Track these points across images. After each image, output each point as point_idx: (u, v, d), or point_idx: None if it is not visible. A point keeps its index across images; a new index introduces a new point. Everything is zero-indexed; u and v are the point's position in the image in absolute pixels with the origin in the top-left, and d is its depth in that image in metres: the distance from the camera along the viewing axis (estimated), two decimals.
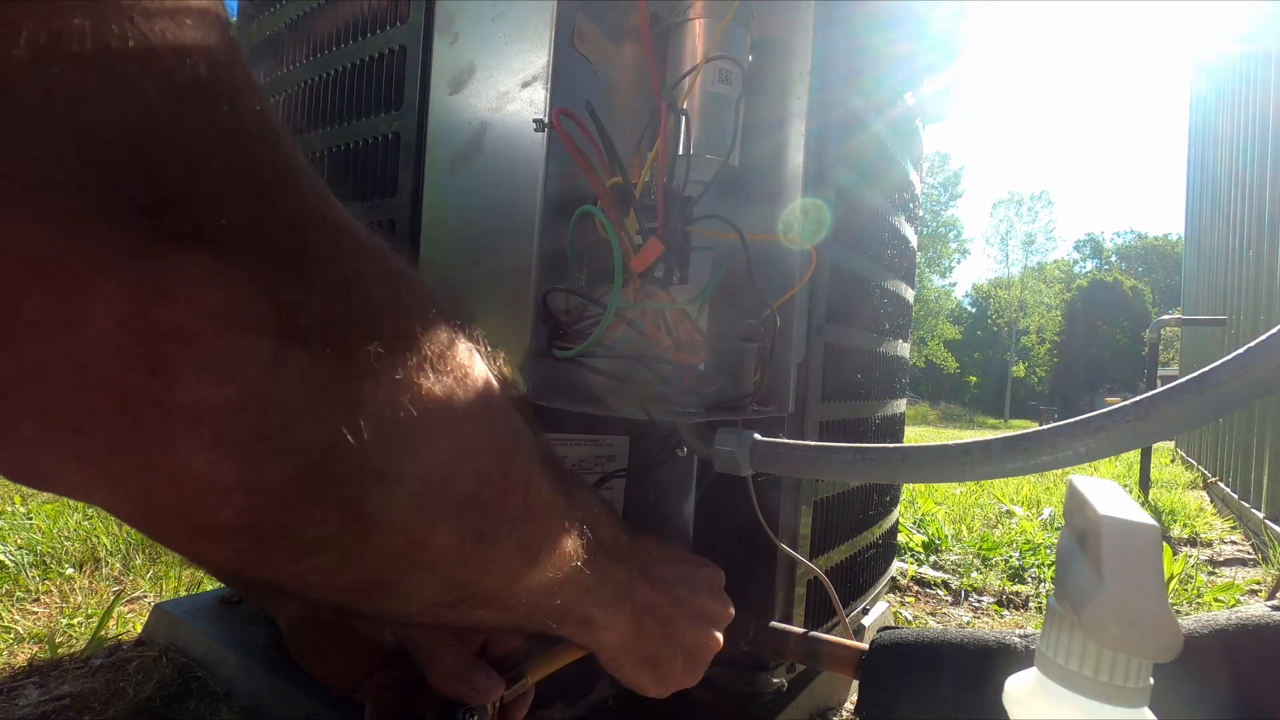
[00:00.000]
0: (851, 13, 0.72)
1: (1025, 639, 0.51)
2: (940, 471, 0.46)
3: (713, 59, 0.60)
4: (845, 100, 0.72)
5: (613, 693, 0.67)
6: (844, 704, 0.83)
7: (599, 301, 0.57)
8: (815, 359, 0.69)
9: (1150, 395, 0.39)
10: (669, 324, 0.63)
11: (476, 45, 0.61)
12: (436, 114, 0.64)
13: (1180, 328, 6.19)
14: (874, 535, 0.92)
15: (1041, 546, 1.71)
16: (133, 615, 0.99)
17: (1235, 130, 3.49)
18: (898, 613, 1.25)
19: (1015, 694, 0.31)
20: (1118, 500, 0.29)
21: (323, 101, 0.76)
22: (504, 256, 0.58)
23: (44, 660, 0.84)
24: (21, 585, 1.07)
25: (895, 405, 0.97)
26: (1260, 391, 0.36)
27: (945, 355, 31.44)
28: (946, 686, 0.51)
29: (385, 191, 0.67)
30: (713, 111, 0.61)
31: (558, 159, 0.56)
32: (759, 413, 0.64)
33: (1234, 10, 3.50)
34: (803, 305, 0.67)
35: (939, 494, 2.44)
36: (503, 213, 0.58)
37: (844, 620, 0.69)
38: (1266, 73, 2.76)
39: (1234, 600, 1.40)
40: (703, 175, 0.62)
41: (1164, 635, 0.26)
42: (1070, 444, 0.41)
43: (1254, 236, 2.90)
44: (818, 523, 0.74)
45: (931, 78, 0.96)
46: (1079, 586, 0.28)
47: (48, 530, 1.30)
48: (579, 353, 0.55)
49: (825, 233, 0.67)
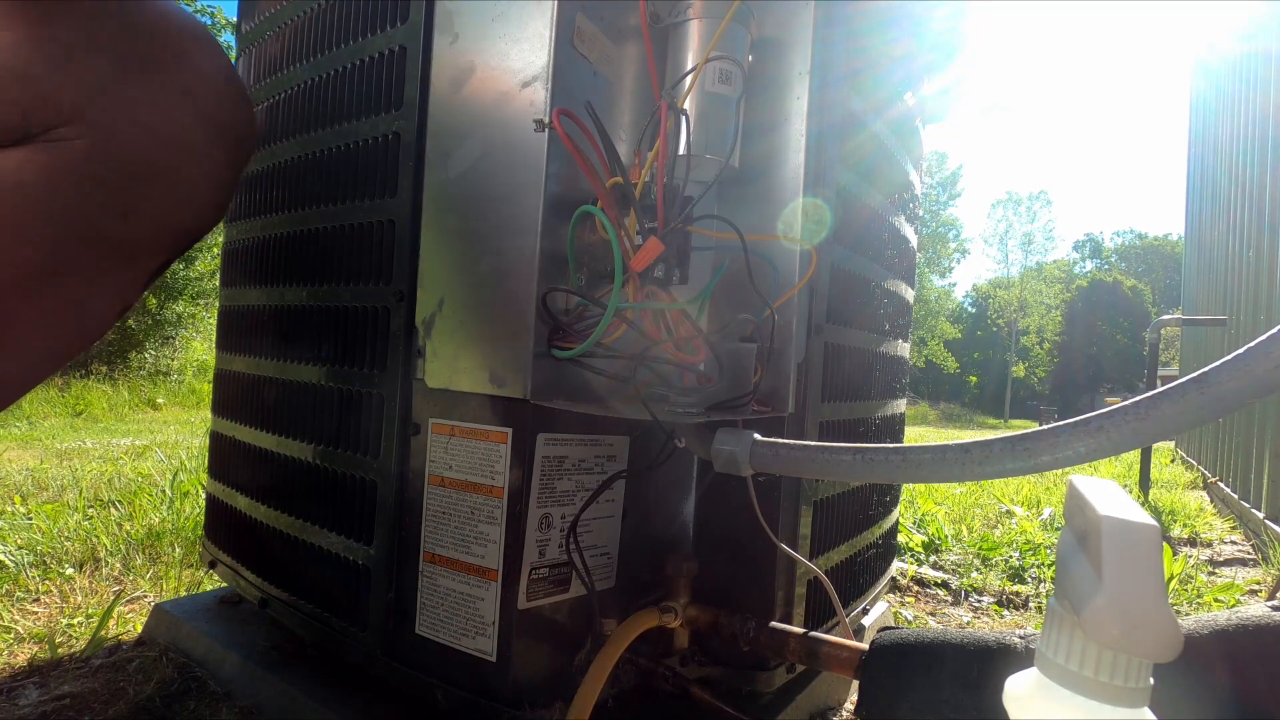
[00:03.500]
0: (851, 13, 0.72)
1: (1025, 639, 0.51)
2: (940, 471, 0.46)
3: (713, 59, 0.60)
4: (845, 100, 0.72)
5: (613, 692, 0.67)
6: (844, 704, 0.83)
7: (599, 301, 0.57)
8: (815, 359, 0.69)
9: (1150, 395, 0.39)
10: (669, 324, 0.63)
11: (476, 45, 0.61)
12: (436, 114, 0.64)
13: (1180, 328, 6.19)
14: (874, 535, 0.92)
15: (1041, 546, 1.71)
16: (133, 615, 0.99)
17: (1235, 130, 3.49)
18: (898, 613, 1.25)
19: (1015, 694, 0.31)
20: (1118, 500, 0.29)
21: (323, 101, 0.76)
22: (504, 256, 0.58)
23: (44, 660, 0.84)
24: (21, 585, 1.07)
25: (895, 405, 0.97)
26: (1260, 391, 0.36)
27: (945, 355, 31.44)
28: (946, 686, 0.51)
29: (385, 191, 0.67)
30: (713, 111, 0.61)
31: (558, 159, 0.56)
32: (759, 413, 0.64)
33: (1234, 10, 3.50)
34: (803, 305, 0.67)
35: (939, 494, 2.44)
36: (503, 213, 0.58)
37: (844, 620, 0.69)
38: (1266, 73, 2.76)
39: (1234, 600, 1.40)
40: (703, 175, 0.62)
41: (1164, 635, 0.26)
42: (1070, 444, 0.41)
43: (1254, 236, 2.90)
44: (818, 523, 0.74)
45: (931, 78, 0.96)
46: (1079, 586, 0.28)
47: (48, 530, 1.30)
48: (579, 353, 0.55)
49: (825, 233, 0.67)
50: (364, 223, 0.70)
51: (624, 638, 0.62)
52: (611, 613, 0.66)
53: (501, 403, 0.59)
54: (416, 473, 0.65)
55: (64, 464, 2.33)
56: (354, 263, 0.71)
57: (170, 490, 1.66)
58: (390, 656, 0.66)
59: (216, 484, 0.93)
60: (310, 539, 0.74)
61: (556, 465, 0.62)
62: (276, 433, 0.79)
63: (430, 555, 0.64)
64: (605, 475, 0.66)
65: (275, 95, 0.83)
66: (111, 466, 2.24)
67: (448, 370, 0.62)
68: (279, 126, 0.82)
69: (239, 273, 0.90)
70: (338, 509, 0.71)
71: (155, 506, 1.54)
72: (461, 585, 0.61)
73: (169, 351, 7.35)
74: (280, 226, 0.81)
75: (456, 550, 0.62)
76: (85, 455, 2.63)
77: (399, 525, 0.66)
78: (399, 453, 0.65)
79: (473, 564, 0.61)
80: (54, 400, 5.43)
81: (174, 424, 4.57)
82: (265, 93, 0.85)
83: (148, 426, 4.35)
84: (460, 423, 0.62)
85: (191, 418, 5.17)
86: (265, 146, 0.85)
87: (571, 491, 0.63)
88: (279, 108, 0.82)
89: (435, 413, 0.64)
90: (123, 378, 6.65)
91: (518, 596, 0.59)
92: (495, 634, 0.59)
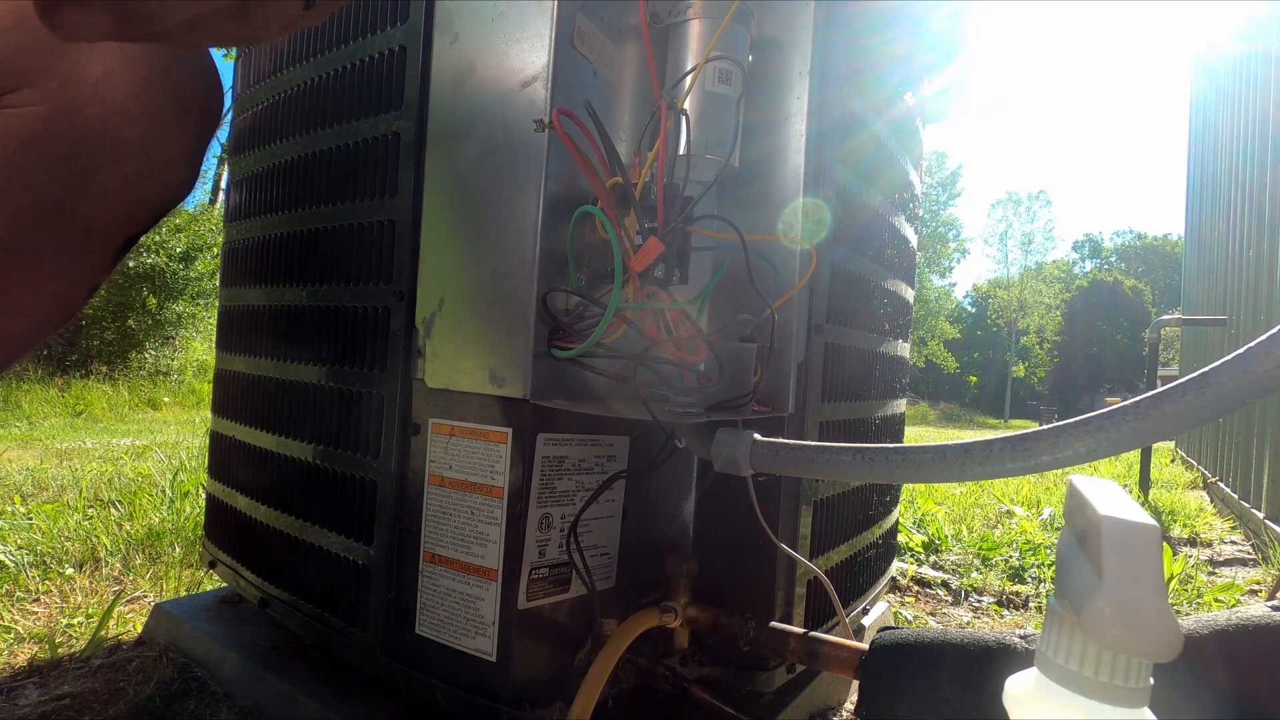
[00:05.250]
0: (851, 13, 0.72)
1: (1025, 639, 0.51)
2: (940, 471, 0.46)
3: (713, 59, 0.60)
4: (845, 100, 0.72)
5: (613, 692, 0.67)
6: (844, 704, 0.83)
7: (599, 301, 0.57)
8: (815, 359, 0.69)
9: (1150, 395, 0.39)
10: (669, 324, 0.63)
11: (476, 45, 0.61)
12: (436, 114, 0.64)
13: (1180, 328, 6.19)
14: (874, 535, 0.92)
15: (1041, 546, 1.71)
16: (133, 615, 0.99)
17: (1235, 130, 3.49)
18: (898, 613, 1.24)
19: (1015, 694, 0.31)
20: (1118, 500, 0.29)
21: (323, 101, 0.76)
22: (504, 256, 0.58)
23: (44, 660, 0.84)
24: (21, 585, 1.07)
25: (895, 405, 0.97)
26: (1260, 391, 0.36)
27: (945, 355, 31.44)
28: (946, 687, 0.51)
29: (385, 191, 0.67)
30: (713, 111, 0.61)
31: (558, 159, 0.56)
32: (759, 413, 0.64)
33: (1234, 10, 3.50)
34: (803, 305, 0.67)
35: (939, 494, 2.44)
36: (503, 213, 0.58)
37: (844, 620, 0.69)
38: (1266, 73, 2.76)
39: (1234, 600, 1.40)
40: (703, 175, 0.62)
41: (1164, 635, 0.26)
42: (1070, 444, 0.41)
43: (1254, 236, 2.90)
44: (818, 523, 0.74)
45: (931, 78, 0.96)
46: (1079, 586, 0.28)
47: (48, 530, 1.30)
48: (579, 353, 0.55)
49: (825, 233, 0.67)
50: (364, 223, 0.70)
51: (624, 638, 0.62)
52: (611, 613, 0.66)
53: (501, 403, 0.59)
54: (416, 473, 0.65)
55: (64, 464, 2.33)
56: (354, 262, 0.71)
57: (170, 490, 1.66)
58: (390, 656, 0.66)
59: (216, 484, 0.93)
60: (310, 539, 0.74)
61: (556, 465, 0.62)
62: (276, 433, 0.79)
63: (430, 555, 0.64)
64: (605, 475, 0.66)
65: (275, 95, 0.83)
66: (111, 466, 2.24)
67: (448, 370, 0.62)
68: (279, 126, 0.82)
69: (239, 273, 0.90)
70: (338, 509, 0.71)
71: (155, 506, 1.54)
72: (461, 585, 0.61)
73: (169, 351, 7.34)
74: (280, 226, 0.81)
75: (456, 550, 0.62)
76: (85, 455, 2.63)
77: (399, 525, 0.66)
78: (399, 453, 0.65)
79: (473, 564, 0.61)
80: (54, 400, 5.43)
81: (174, 424, 4.57)
82: (265, 92, 0.85)
83: (148, 426, 4.35)
84: (460, 423, 0.62)
85: (192, 418, 5.18)
86: (265, 146, 0.85)
87: (571, 491, 0.63)
88: (279, 107, 0.82)
89: (435, 413, 0.64)
90: (123, 378, 6.65)
91: (518, 596, 0.59)
92: (495, 634, 0.59)
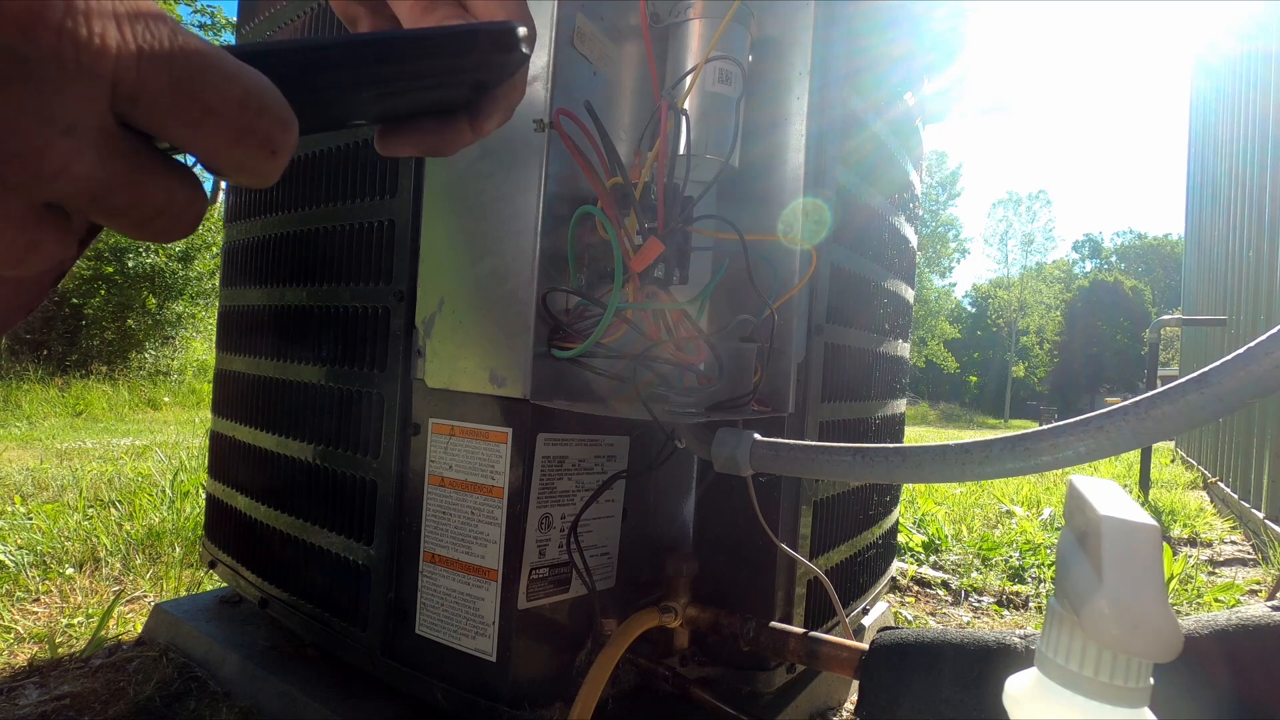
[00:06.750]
0: (851, 13, 0.72)
1: (1025, 639, 0.51)
2: (940, 471, 0.46)
3: (713, 59, 0.60)
4: (845, 100, 0.72)
5: (613, 692, 0.67)
6: (844, 704, 0.83)
7: (599, 301, 0.57)
8: (815, 359, 0.69)
9: (1150, 395, 0.39)
10: (669, 324, 0.63)
11: None
12: None
13: (1180, 328, 6.19)
14: (874, 535, 0.92)
15: (1041, 546, 1.71)
16: (133, 615, 0.99)
17: (1235, 130, 3.49)
18: (898, 613, 1.24)
19: (1015, 694, 0.31)
20: (1118, 500, 0.29)
21: None
22: (504, 256, 0.58)
23: (44, 660, 0.84)
24: (21, 585, 1.07)
25: (895, 405, 0.97)
26: (1260, 391, 0.36)
27: (945, 355, 31.43)
28: (946, 687, 0.51)
29: (385, 191, 0.67)
30: (713, 111, 0.61)
31: (558, 159, 0.56)
32: (759, 413, 0.64)
33: (1234, 10, 3.50)
34: (803, 305, 0.67)
35: (939, 494, 2.44)
36: (503, 213, 0.58)
37: (844, 620, 0.69)
38: (1266, 73, 2.76)
39: (1234, 600, 1.40)
40: (703, 175, 0.62)
41: (1164, 635, 0.26)
42: (1070, 444, 0.41)
43: (1254, 236, 2.90)
44: (818, 523, 0.74)
45: (931, 78, 0.96)
46: (1079, 586, 0.28)
47: (48, 530, 1.30)
48: (579, 353, 0.55)
49: (825, 233, 0.67)
50: (364, 223, 0.70)
51: (624, 638, 0.62)
52: (611, 613, 0.66)
53: (501, 403, 0.59)
54: (416, 473, 0.65)
55: (64, 464, 2.33)
56: (354, 263, 0.71)
57: (170, 490, 1.66)
58: (390, 656, 0.66)
59: (216, 484, 0.93)
60: (310, 539, 0.74)
61: (556, 465, 0.62)
62: (276, 433, 0.79)
63: (430, 555, 0.64)
64: (605, 475, 0.66)
65: None
66: (111, 466, 2.24)
67: (448, 370, 0.62)
68: None
69: (239, 272, 0.90)
70: (338, 509, 0.71)
71: (155, 506, 1.54)
72: (461, 585, 0.61)
73: (169, 351, 7.34)
74: (280, 226, 0.81)
75: (456, 550, 0.62)
76: (85, 455, 2.63)
77: (399, 525, 0.66)
78: (399, 453, 0.65)
79: (473, 564, 0.61)
80: (54, 400, 5.43)
81: (174, 424, 4.57)
82: None
83: (148, 426, 4.35)
84: (460, 423, 0.62)
85: (191, 418, 5.17)
86: None
87: (571, 491, 0.63)
88: None
89: (435, 413, 0.64)
90: (123, 378, 6.65)
91: (518, 596, 0.59)
92: (495, 634, 0.59)
